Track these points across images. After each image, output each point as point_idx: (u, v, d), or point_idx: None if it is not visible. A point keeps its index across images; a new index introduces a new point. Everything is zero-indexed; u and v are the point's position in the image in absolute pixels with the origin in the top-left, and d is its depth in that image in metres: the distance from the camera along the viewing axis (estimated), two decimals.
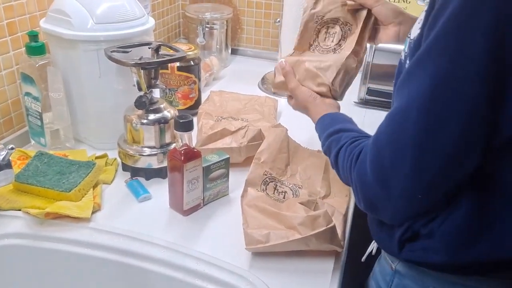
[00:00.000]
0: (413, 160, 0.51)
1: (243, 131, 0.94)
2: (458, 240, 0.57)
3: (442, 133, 0.49)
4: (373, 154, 0.55)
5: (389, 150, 0.53)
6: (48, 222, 0.76)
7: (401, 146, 0.52)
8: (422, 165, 0.51)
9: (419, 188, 0.52)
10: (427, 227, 0.58)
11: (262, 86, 1.40)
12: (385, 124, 0.55)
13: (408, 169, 0.51)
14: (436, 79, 0.49)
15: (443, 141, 0.50)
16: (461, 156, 0.51)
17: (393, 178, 0.53)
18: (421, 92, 0.50)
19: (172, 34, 1.66)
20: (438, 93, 0.49)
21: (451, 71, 0.48)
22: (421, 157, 0.51)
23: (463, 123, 0.49)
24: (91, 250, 0.74)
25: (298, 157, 0.90)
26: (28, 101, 0.93)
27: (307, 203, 0.77)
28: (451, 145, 0.50)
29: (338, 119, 0.74)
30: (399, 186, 0.53)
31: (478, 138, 0.50)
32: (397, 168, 0.52)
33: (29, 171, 0.83)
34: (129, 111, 0.88)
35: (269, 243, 0.69)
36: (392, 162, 0.53)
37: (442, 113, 0.49)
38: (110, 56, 0.84)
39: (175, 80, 1.12)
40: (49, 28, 0.91)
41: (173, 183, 0.80)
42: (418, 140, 0.50)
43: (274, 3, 1.55)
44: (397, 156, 0.52)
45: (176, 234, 0.76)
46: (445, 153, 0.50)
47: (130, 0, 0.95)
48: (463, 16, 0.46)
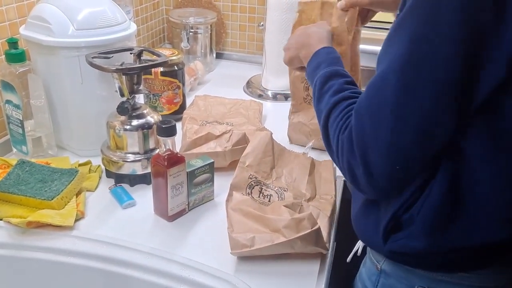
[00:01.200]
0: (389, 128, 0.51)
1: (227, 135, 0.94)
2: (436, 222, 0.57)
3: (418, 95, 0.50)
4: (355, 120, 0.55)
5: (368, 116, 0.53)
6: (30, 231, 0.75)
7: (379, 112, 0.52)
8: (398, 133, 0.51)
9: (396, 157, 0.52)
10: (407, 213, 0.58)
11: (247, 89, 1.40)
12: (365, 91, 0.55)
13: (385, 138, 0.52)
14: (412, 42, 0.49)
15: (420, 103, 0.50)
16: (436, 120, 0.51)
17: (372, 144, 0.53)
18: (398, 56, 0.50)
19: (157, 39, 1.65)
20: (414, 56, 0.49)
21: (426, 32, 0.48)
22: (398, 125, 0.51)
23: (438, 84, 0.49)
24: (74, 259, 0.73)
25: (283, 160, 0.90)
26: (9, 109, 0.92)
27: (292, 206, 0.77)
28: (427, 107, 0.50)
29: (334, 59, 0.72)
30: (377, 153, 0.53)
31: (453, 101, 0.50)
32: (376, 134, 0.52)
33: (11, 179, 0.82)
34: (112, 117, 0.87)
35: (254, 247, 0.69)
36: (372, 127, 0.53)
37: (418, 75, 0.49)
38: (91, 62, 0.83)
39: (159, 85, 1.12)
40: (29, 35, 0.90)
41: (157, 189, 0.79)
42: (395, 103, 0.51)
43: (257, 7, 1.56)
44: (375, 121, 0.52)
45: (161, 240, 0.76)
46: (421, 115, 0.50)
47: (112, 6, 0.95)
48: None
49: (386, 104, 0.51)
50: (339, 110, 0.61)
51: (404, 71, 0.50)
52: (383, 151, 0.52)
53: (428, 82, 0.49)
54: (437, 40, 0.48)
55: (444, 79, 0.49)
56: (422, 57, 0.49)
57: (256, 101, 1.21)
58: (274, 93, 1.36)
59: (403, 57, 0.50)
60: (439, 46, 0.48)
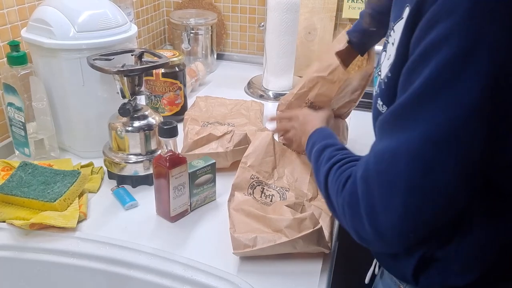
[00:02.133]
0: (403, 202, 0.49)
1: (229, 135, 0.94)
2: (480, 259, 0.55)
3: (434, 182, 0.48)
4: (363, 190, 0.53)
5: (379, 190, 0.51)
6: (33, 233, 0.75)
7: (391, 189, 0.50)
8: (412, 208, 0.49)
9: (410, 228, 0.51)
10: (442, 251, 0.56)
11: (248, 90, 1.40)
12: (373, 161, 0.52)
13: (400, 211, 0.49)
14: (428, 131, 0.47)
15: (435, 188, 0.48)
16: (454, 199, 0.49)
17: (383, 217, 0.51)
18: (412, 140, 0.48)
19: (157, 40, 1.66)
20: (430, 144, 0.47)
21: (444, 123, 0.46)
22: (412, 201, 0.49)
23: (456, 173, 0.47)
24: (77, 260, 0.73)
25: (285, 160, 0.90)
26: (11, 111, 0.92)
27: (293, 206, 0.77)
28: (442, 193, 0.48)
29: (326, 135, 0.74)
30: (389, 225, 0.51)
31: (472, 183, 0.49)
32: (388, 209, 0.50)
33: (13, 182, 0.82)
34: (113, 118, 0.88)
35: (256, 247, 0.69)
36: (383, 202, 0.51)
37: (436, 164, 0.47)
38: (92, 64, 0.84)
39: (160, 86, 1.12)
40: (30, 38, 0.90)
41: (159, 189, 0.80)
42: (408, 185, 0.48)
43: (258, 8, 1.56)
44: (388, 198, 0.50)
45: (164, 241, 0.76)
46: (436, 198, 0.49)
47: (112, 8, 0.95)
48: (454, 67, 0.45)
49: (397, 183, 0.49)
50: (335, 171, 0.60)
51: (416, 159, 0.48)
52: (396, 223, 0.50)
53: (444, 171, 0.47)
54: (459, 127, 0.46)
55: (465, 164, 0.47)
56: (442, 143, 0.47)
57: (257, 102, 1.22)
58: (275, 93, 1.36)
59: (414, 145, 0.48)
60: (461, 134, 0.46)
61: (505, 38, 0.43)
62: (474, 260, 0.55)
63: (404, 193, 0.49)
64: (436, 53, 0.45)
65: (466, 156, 0.47)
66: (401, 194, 0.49)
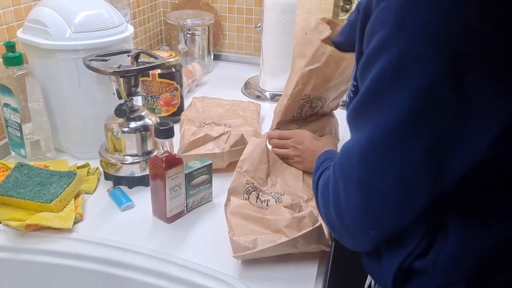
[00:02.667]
0: (359, 200, 0.51)
1: (225, 136, 0.94)
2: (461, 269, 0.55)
3: (381, 182, 0.50)
4: (332, 183, 0.56)
5: (342, 184, 0.54)
6: (29, 234, 0.75)
7: (349, 183, 0.52)
8: (369, 205, 0.51)
9: (370, 223, 0.52)
10: (421, 262, 0.56)
11: (245, 91, 1.40)
12: (339, 157, 0.55)
13: (357, 206, 0.52)
14: (371, 131, 0.49)
15: (386, 189, 0.50)
16: (404, 200, 0.50)
17: (346, 210, 0.53)
18: (364, 138, 0.50)
19: (154, 41, 1.65)
20: (374, 144, 0.49)
21: (386, 125, 0.48)
22: (367, 199, 0.51)
23: (399, 174, 0.49)
24: (73, 261, 0.73)
25: (276, 169, 0.89)
26: (7, 112, 0.92)
27: (291, 207, 0.77)
28: (392, 193, 0.50)
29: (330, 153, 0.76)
30: (351, 219, 0.53)
31: (421, 184, 0.49)
32: (348, 202, 0.53)
33: (9, 183, 0.82)
34: (109, 119, 0.88)
35: (257, 249, 0.68)
36: (345, 196, 0.53)
37: (380, 164, 0.49)
38: (88, 65, 0.83)
39: (156, 87, 1.12)
40: (26, 38, 0.90)
41: (155, 190, 0.79)
42: (361, 181, 0.51)
43: (255, 8, 1.56)
44: (348, 192, 0.53)
45: (160, 242, 0.76)
46: (387, 196, 0.50)
47: (109, 9, 0.95)
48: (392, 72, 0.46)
49: (353, 177, 0.52)
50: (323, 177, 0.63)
51: (364, 159, 0.50)
52: (355, 216, 0.53)
53: (389, 170, 0.49)
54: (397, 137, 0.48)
55: (408, 170, 0.48)
56: (382, 148, 0.49)
57: (254, 102, 1.22)
58: (272, 94, 1.36)
59: (360, 146, 0.51)
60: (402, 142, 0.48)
61: (433, 52, 0.44)
62: (455, 271, 0.55)
63: (357, 189, 0.51)
64: (375, 63, 0.48)
65: (404, 163, 0.48)
66: (356, 190, 0.52)
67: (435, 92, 0.45)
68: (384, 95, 0.47)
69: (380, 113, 0.48)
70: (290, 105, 0.92)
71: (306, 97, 0.91)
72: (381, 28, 0.47)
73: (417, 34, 0.44)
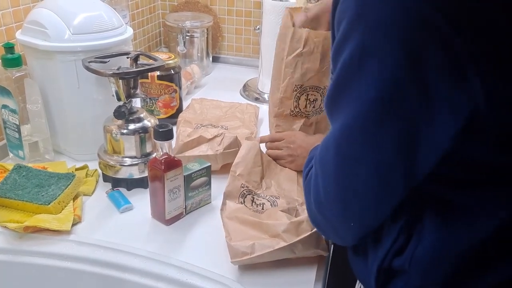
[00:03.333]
0: (336, 191, 0.52)
1: (219, 138, 0.94)
2: (436, 267, 0.54)
3: (356, 173, 0.50)
4: (314, 176, 0.56)
5: (321, 177, 0.54)
6: (27, 236, 0.75)
7: (327, 176, 0.52)
8: (346, 196, 0.51)
9: (349, 216, 0.52)
10: (398, 260, 0.55)
11: (244, 93, 1.40)
12: (320, 148, 0.55)
13: (335, 197, 0.52)
14: (343, 120, 0.49)
15: (357, 181, 0.50)
16: (381, 191, 0.50)
17: (326, 202, 0.53)
18: (335, 133, 0.51)
19: (153, 43, 1.66)
20: (346, 135, 0.49)
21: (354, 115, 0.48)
22: (343, 190, 0.51)
23: (372, 163, 0.49)
24: (71, 263, 0.73)
25: (270, 172, 0.89)
26: (5, 113, 0.91)
27: (288, 211, 0.77)
28: (363, 185, 0.50)
29: None
30: (331, 211, 0.53)
31: (394, 176, 0.49)
32: (327, 195, 0.53)
33: (7, 184, 0.82)
34: (108, 121, 0.88)
35: (254, 254, 0.67)
36: (324, 188, 0.53)
37: (353, 155, 0.49)
38: (87, 67, 0.83)
39: (155, 89, 1.12)
40: (25, 40, 0.90)
41: (154, 192, 0.79)
42: (337, 173, 0.51)
43: (253, 11, 1.56)
44: (326, 184, 0.53)
45: (159, 244, 0.76)
46: (362, 187, 0.50)
47: (108, 10, 0.95)
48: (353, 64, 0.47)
49: (329, 168, 0.52)
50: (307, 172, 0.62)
51: (337, 151, 0.50)
52: (334, 208, 0.53)
53: (362, 161, 0.49)
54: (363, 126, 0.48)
55: (379, 163, 0.49)
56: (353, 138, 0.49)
57: (252, 105, 1.22)
58: None
59: (334, 137, 0.51)
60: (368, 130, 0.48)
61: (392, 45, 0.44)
62: (432, 270, 0.54)
63: (334, 182, 0.51)
64: (342, 52, 0.48)
65: (376, 154, 0.48)
66: (333, 182, 0.51)
67: (398, 84, 0.45)
68: (351, 85, 0.48)
69: (349, 103, 0.48)
70: (283, 98, 0.91)
71: (298, 87, 0.90)
72: (344, 17, 0.47)
73: (376, 27, 0.44)
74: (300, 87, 0.90)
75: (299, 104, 0.92)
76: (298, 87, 0.90)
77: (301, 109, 0.93)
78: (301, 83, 0.89)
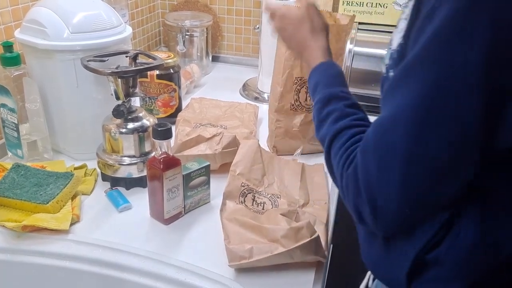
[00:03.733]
0: (400, 174, 0.48)
1: (218, 137, 0.94)
2: (470, 264, 0.53)
3: (433, 147, 0.47)
4: (361, 161, 0.52)
5: (375, 159, 0.50)
6: (26, 235, 0.75)
7: (388, 159, 0.49)
8: (410, 180, 0.48)
9: (407, 202, 0.50)
10: (432, 253, 0.54)
11: (244, 92, 1.40)
12: (372, 132, 0.52)
13: (395, 183, 0.49)
14: (427, 90, 0.46)
15: (434, 155, 0.47)
16: (452, 170, 0.48)
17: (380, 189, 0.50)
18: (410, 103, 0.48)
19: (153, 42, 1.65)
20: (428, 105, 0.46)
21: (443, 82, 0.45)
22: (410, 171, 0.48)
23: (455, 136, 0.46)
24: (70, 263, 0.72)
25: (273, 167, 0.89)
26: (4, 112, 0.91)
27: (288, 214, 0.76)
28: (441, 159, 0.47)
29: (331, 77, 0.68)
30: (386, 197, 0.50)
31: (470, 152, 0.47)
32: (383, 182, 0.50)
33: (6, 183, 0.81)
34: (107, 120, 0.87)
35: (252, 259, 0.67)
36: (379, 174, 0.50)
37: (433, 126, 0.46)
38: (86, 66, 0.83)
39: (155, 88, 1.12)
40: (24, 39, 0.90)
41: (153, 192, 0.79)
42: (407, 153, 0.48)
43: (253, 10, 1.56)
44: (382, 166, 0.49)
45: (157, 244, 0.75)
46: (435, 166, 0.48)
47: (107, 9, 0.95)
48: (456, 25, 0.44)
49: (395, 151, 0.49)
50: (341, 141, 0.57)
51: (415, 122, 0.47)
52: (392, 196, 0.50)
53: (445, 134, 0.47)
54: (456, 90, 0.45)
55: (463, 131, 0.46)
56: (439, 107, 0.46)
57: (251, 104, 1.22)
58: None
59: (416, 105, 0.47)
60: (459, 97, 0.45)
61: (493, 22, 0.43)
62: (462, 265, 0.53)
63: (400, 161, 0.48)
64: (434, 16, 0.46)
65: (458, 124, 0.46)
66: (398, 162, 0.48)
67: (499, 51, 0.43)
68: (443, 51, 0.45)
69: (431, 71, 0.46)
70: (283, 92, 0.91)
71: (298, 80, 0.89)
72: None
73: None
74: (300, 79, 0.90)
75: (299, 97, 0.92)
76: (298, 79, 0.90)
77: (302, 102, 0.93)
78: (301, 75, 0.89)
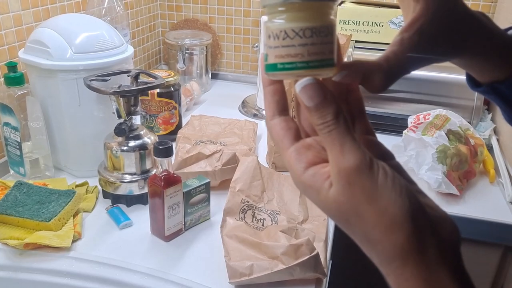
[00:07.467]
0: None
1: (217, 154, 0.95)
2: None
3: None
4: None
5: None
6: (28, 252, 0.75)
7: None
8: None
9: None
10: None
11: (243, 109, 1.42)
12: None
13: None
14: None
15: None
16: None
17: None
18: None
19: (153, 60, 1.68)
20: None
21: None
22: None
23: None
24: (72, 280, 0.73)
25: (273, 183, 0.90)
26: (7, 131, 0.93)
27: (287, 231, 0.77)
28: None
29: None
30: None
31: None
32: None
33: (8, 201, 0.82)
34: (109, 138, 0.89)
35: (253, 275, 0.68)
36: None
37: None
38: (89, 85, 0.85)
39: (155, 106, 1.13)
40: (28, 59, 0.92)
41: (154, 209, 0.80)
42: None
43: (252, 29, 1.59)
44: None
45: (158, 260, 0.76)
46: None
47: (109, 29, 0.97)
48: None
49: None
50: None
51: None
52: None
53: None
54: None
55: None
56: None
57: (250, 121, 1.23)
58: None
59: None
60: None
61: None
62: None
63: None
64: None
65: None
66: None
67: None
68: None
69: None
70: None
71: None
72: None
73: None
74: None
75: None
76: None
77: None
78: None
